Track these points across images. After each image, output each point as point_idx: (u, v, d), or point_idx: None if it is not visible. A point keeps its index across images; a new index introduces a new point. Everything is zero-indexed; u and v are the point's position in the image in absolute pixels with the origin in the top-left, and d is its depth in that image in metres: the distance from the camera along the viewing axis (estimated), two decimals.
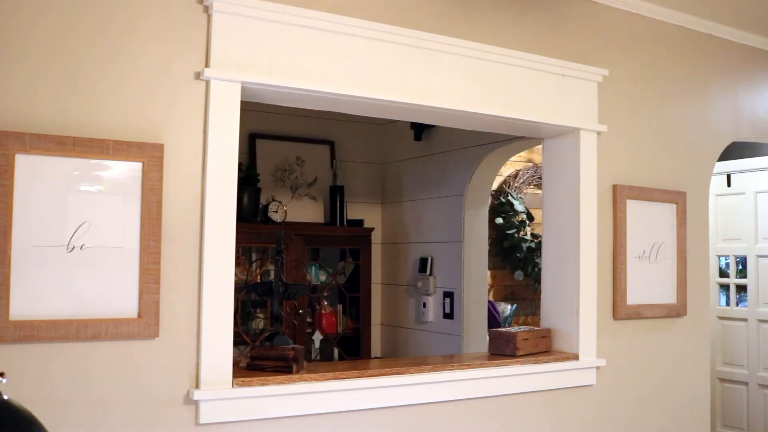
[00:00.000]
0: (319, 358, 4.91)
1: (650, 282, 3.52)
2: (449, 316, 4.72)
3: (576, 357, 3.25)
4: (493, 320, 4.88)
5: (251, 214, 4.59)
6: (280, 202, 4.74)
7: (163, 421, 2.34)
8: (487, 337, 3.64)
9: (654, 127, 3.61)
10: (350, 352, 5.03)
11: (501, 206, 5.35)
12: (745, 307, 5.39)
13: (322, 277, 5.03)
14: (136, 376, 2.30)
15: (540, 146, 3.60)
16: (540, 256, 3.86)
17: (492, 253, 5.12)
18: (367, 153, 5.38)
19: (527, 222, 5.39)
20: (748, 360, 5.33)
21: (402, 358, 4.89)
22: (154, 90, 2.36)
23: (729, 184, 5.52)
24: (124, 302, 2.27)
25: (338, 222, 4.97)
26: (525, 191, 5.47)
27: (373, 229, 5.17)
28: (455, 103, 2.95)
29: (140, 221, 2.30)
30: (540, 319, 3.52)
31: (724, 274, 5.61)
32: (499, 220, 5.31)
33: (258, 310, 4.77)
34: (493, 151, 4.51)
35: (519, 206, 5.36)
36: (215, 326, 2.41)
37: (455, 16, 2.99)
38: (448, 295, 4.74)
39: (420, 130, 4.99)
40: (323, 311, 4.97)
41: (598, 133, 3.35)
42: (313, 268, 5.00)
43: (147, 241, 2.30)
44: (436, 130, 4.89)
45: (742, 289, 5.46)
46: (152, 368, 2.32)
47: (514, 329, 3.28)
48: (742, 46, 3.98)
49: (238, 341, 4.35)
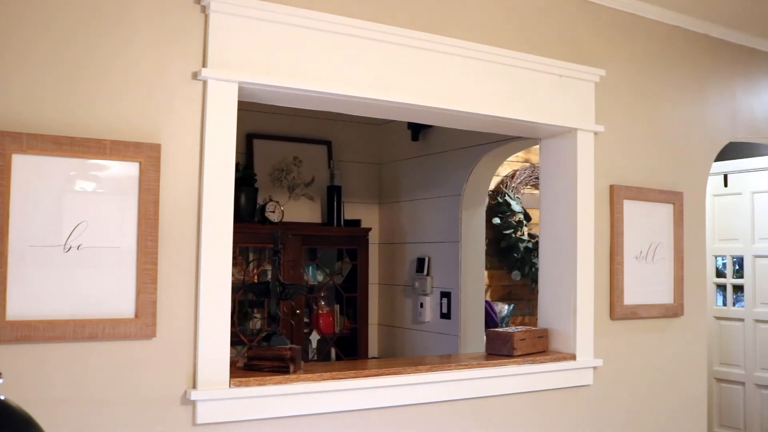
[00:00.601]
0: (316, 358, 4.90)
1: (647, 282, 3.53)
2: (446, 316, 4.72)
3: (573, 357, 3.26)
4: (491, 320, 4.88)
5: (248, 214, 4.59)
6: (278, 202, 4.73)
7: (160, 421, 2.33)
8: (485, 337, 3.64)
9: (651, 128, 3.62)
10: (347, 352, 5.02)
11: (498, 206, 5.35)
12: (742, 307, 5.40)
13: (320, 277, 5.02)
14: (134, 377, 2.30)
15: (537, 146, 3.59)
16: (537, 256, 3.86)
17: (489, 253, 5.12)
18: (364, 153, 5.38)
19: (524, 222, 5.39)
20: (745, 360, 5.34)
21: (399, 358, 4.88)
22: (152, 90, 2.36)
23: (726, 185, 5.52)
24: (121, 302, 2.27)
25: (335, 222, 4.97)
26: (522, 191, 5.47)
27: (371, 229, 5.17)
28: (452, 103, 2.95)
29: (137, 221, 2.29)
30: (537, 319, 3.53)
31: (721, 274, 5.62)
32: (497, 220, 5.31)
33: (255, 310, 4.77)
34: (491, 151, 4.51)
35: (516, 206, 5.36)
36: (212, 326, 2.41)
37: (453, 16, 2.99)
38: (446, 295, 4.74)
39: (417, 130, 4.98)
40: (320, 311, 4.96)
41: (595, 134, 3.36)
42: (311, 268, 5.00)
43: (144, 241, 2.29)
44: (434, 130, 4.89)
45: (738, 289, 5.47)
46: (149, 368, 2.32)
47: (512, 329, 3.28)
48: (739, 46, 3.99)
49: (236, 341, 4.35)
